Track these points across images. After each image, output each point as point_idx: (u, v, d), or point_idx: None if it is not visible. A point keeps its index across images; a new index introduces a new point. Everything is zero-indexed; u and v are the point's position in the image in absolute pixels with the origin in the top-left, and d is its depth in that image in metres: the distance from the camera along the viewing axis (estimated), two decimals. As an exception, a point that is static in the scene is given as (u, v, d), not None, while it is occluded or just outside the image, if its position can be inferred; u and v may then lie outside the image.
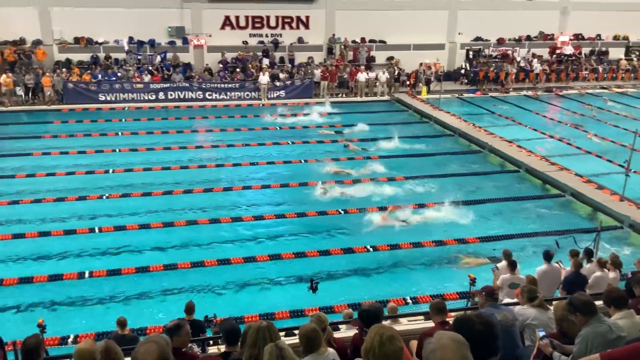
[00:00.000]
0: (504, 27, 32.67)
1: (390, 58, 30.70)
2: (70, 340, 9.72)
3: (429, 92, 29.06)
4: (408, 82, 29.70)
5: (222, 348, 5.60)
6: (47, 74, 25.35)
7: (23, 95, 25.04)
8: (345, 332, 7.32)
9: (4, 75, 24.68)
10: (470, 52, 32.51)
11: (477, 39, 32.91)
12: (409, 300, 11.23)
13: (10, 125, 22.51)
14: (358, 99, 28.24)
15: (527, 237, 13.90)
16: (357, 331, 5.59)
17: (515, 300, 7.21)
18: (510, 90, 30.52)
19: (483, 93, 30.11)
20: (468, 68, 31.79)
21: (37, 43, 26.73)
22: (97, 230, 13.86)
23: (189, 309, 8.17)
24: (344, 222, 14.72)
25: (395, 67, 29.69)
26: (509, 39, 33.34)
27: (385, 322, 6.77)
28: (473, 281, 9.57)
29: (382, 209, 15.29)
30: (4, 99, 24.76)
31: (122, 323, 8.00)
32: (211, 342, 7.60)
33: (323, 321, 5.17)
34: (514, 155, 19.52)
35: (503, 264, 9.80)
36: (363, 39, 30.84)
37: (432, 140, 22.19)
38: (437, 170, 18.70)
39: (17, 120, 23.44)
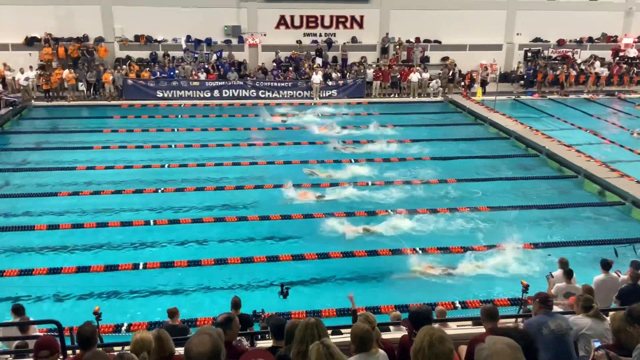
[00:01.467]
0: (564, 28, 31.65)
1: (445, 58, 30.24)
2: (123, 328, 10.03)
3: (484, 93, 28.48)
4: (463, 83, 29.19)
5: (268, 343, 5.66)
6: (108, 70, 26.24)
7: (85, 91, 26.01)
8: (393, 334, 7.25)
9: (66, 71, 25.71)
10: (529, 53, 31.65)
11: (536, 39, 31.99)
12: (457, 305, 11.03)
13: (72, 119, 23.44)
14: (410, 99, 27.96)
15: (583, 245, 13.41)
16: (406, 332, 5.52)
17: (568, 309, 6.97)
18: (569, 93, 29.53)
19: (541, 95, 29.26)
20: (526, 69, 30.96)
21: (100, 40, 27.71)
22: (152, 223, 14.24)
23: (236, 304, 8.27)
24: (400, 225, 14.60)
25: (450, 68, 29.24)
26: (570, 40, 32.27)
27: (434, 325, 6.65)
28: (526, 288, 9.29)
29: (433, 211, 15.10)
30: (67, 93, 25.79)
31: (173, 313, 8.19)
32: (259, 336, 7.69)
33: (372, 321, 5.12)
34: (572, 160, 18.86)
35: (559, 272, 9.49)
36: (417, 39, 30.51)
37: (487, 143, 21.74)
38: (492, 173, 18.32)
39: (79, 115, 24.36)
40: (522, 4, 31.04)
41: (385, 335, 6.40)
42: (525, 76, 30.68)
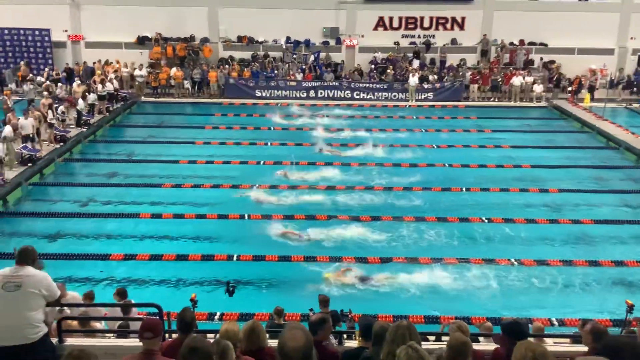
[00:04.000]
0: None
1: (551, 62, 28.82)
2: (216, 317, 10.42)
3: (592, 99, 26.85)
4: (570, 89, 27.68)
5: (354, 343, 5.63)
6: (213, 69, 27.38)
7: (190, 88, 27.29)
8: (484, 345, 7.00)
9: (174, 69, 27.11)
10: (644, 58, 29.46)
11: (653, 43, 29.70)
12: (554, 322, 10.49)
13: (177, 115, 24.66)
14: (512, 103, 26.91)
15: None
16: (499, 345, 5.30)
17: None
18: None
19: (656, 104, 27.16)
20: (635, 76, 28.79)
21: (205, 41, 28.98)
22: (246, 217, 14.70)
23: (325, 301, 8.31)
24: (493, 231, 14.14)
25: (556, 72, 27.85)
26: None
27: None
28: (631, 308, 8.65)
29: (530, 221, 14.47)
30: (173, 90, 27.19)
31: (279, 312, 8.40)
32: (345, 335, 7.70)
33: (465, 331, 4.97)
34: (691, 175, 17.37)
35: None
36: (522, 41, 29.30)
37: (593, 152, 20.50)
38: (599, 184, 17.27)
39: (183, 111, 25.58)
40: (637, 6, 28.93)
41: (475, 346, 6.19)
42: (635, 82, 28.56)
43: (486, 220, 14.77)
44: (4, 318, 5.06)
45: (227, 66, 27.86)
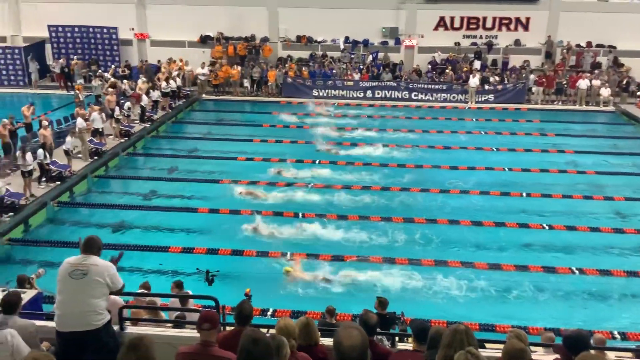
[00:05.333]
0: None
1: (620, 65, 27.60)
2: (269, 313, 10.56)
3: (664, 105, 25.55)
4: (639, 93, 26.43)
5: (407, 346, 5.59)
6: (272, 68, 27.71)
7: (249, 87, 27.72)
8: (542, 356, 6.79)
9: (235, 67, 27.57)
10: None
11: None
12: (616, 335, 10.07)
13: (235, 113, 25.09)
14: (577, 107, 25.94)
15: None
16: (559, 356, 5.13)
17: None
18: None
19: None
20: None
21: (265, 40, 29.35)
22: (300, 216, 14.81)
23: (383, 303, 8.29)
24: (553, 238, 13.74)
25: (625, 75, 26.65)
26: None
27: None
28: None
29: (594, 229, 13.95)
30: (233, 88, 27.68)
31: (331, 311, 8.48)
32: (397, 338, 7.66)
33: (523, 340, 4.83)
34: None
35: None
36: (589, 43, 28.19)
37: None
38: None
39: (242, 109, 25.99)
40: None
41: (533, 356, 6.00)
42: None
43: (547, 227, 14.35)
44: (71, 304, 5.27)
45: (285, 65, 28.13)
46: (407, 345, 6.15)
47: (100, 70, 27.29)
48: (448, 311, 10.89)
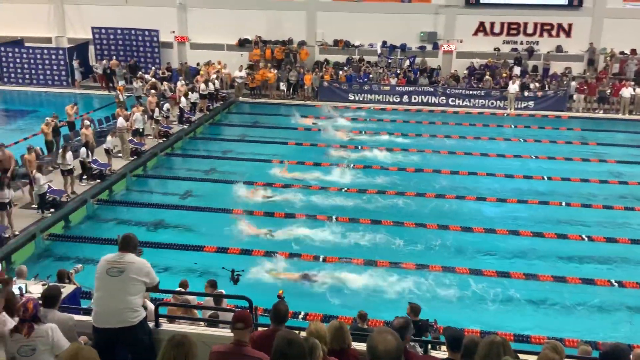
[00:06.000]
0: None
1: (666, 73, 26.78)
2: (300, 316, 10.58)
3: None
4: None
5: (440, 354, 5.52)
6: (308, 72, 27.82)
7: (285, 90, 27.88)
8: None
9: (272, 71, 27.77)
10: None
11: None
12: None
13: (271, 116, 25.21)
14: (620, 116, 25.26)
15: None
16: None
17: None
18: None
19: None
20: None
21: (302, 44, 29.50)
22: (334, 219, 14.81)
23: (415, 310, 8.22)
24: (592, 250, 13.43)
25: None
26: None
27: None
28: None
29: (634, 241, 13.54)
30: (269, 92, 27.88)
31: (362, 316, 8.47)
32: (429, 345, 7.58)
33: (559, 352, 4.72)
34: None
35: None
36: (633, 51, 27.41)
37: None
38: None
39: (277, 112, 26.08)
40: None
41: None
42: None
43: (586, 238, 14.01)
44: (108, 301, 5.38)
45: (322, 69, 28.21)
46: (440, 354, 6.08)
47: (141, 72, 27.88)
48: (482, 320, 10.73)
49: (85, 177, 16.47)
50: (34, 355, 4.74)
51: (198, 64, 28.41)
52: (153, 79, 25.96)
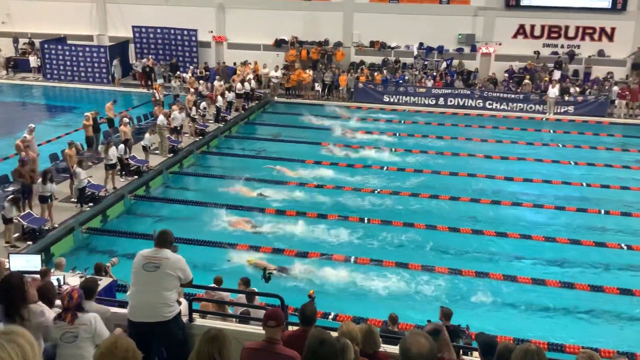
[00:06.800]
0: None
1: None
2: (330, 317, 10.58)
3: None
4: None
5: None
6: (343, 73, 27.82)
7: (320, 91, 27.94)
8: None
9: (307, 71, 27.87)
10: None
11: None
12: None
13: (305, 116, 25.22)
14: (663, 123, 24.52)
15: None
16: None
17: None
18: None
19: None
20: None
21: (338, 45, 29.51)
22: (365, 221, 14.76)
23: (447, 315, 8.14)
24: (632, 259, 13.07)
25: None
26: None
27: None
28: None
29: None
30: (304, 92, 27.98)
31: (393, 319, 8.42)
32: (461, 351, 7.48)
33: (596, 362, 4.59)
34: None
35: None
36: (680, 55, 26.59)
37: None
38: None
39: (311, 112, 26.08)
40: None
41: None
42: None
43: (625, 247, 13.63)
44: (143, 296, 5.49)
45: (357, 70, 28.15)
46: (472, 360, 6.00)
47: (179, 71, 28.33)
48: (515, 328, 10.54)
49: (123, 172, 16.82)
50: (76, 342, 4.87)
51: (235, 64, 28.71)
52: (191, 78, 26.34)
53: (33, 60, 30.61)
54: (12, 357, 1.97)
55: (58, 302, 5.37)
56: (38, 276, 8.23)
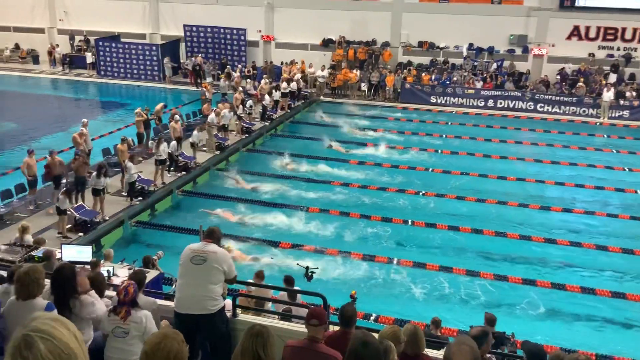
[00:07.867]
0: None
1: None
2: (372, 318, 10.52)
3: None
4: None
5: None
6: (390, 73, 27.62)
7: (366, 91, 27.82)
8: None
9: (354, 71, 27.81)
10: None
11: None
12: None
13: (350, 116, 25.13)
14: None
15: None
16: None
17: None
18: None
19: None
20: None
21: (386, 45, 29.31)
22: (409, 223, 14.63)
23: (491, 321, 7.98)
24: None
25: None
26: None
27: None
28: None
29: None
30: (350, 92, 27.92)
31: (436, 323, 8.34)
32: (506, 359, 7.35)
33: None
34: None
35: None
36: None
37: None
38: None
39: (357, 112, 26.03)
40: None
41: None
42: None
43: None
44: (190, 288, 5.59)
45: (405, 71, 27.90)
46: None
47: (227, 69, 28.73)
48: (563, 337, 10.24)
49: (172, 168, 17.17)
50: (126, 339, 5.01)
51: (282, 63, 28.91)
52: (239, 76, 26.66)
53: (89, 57, 31.63)
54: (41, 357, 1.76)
55: (108, 292, 5.53)
56: (89, 266, 8.50)
